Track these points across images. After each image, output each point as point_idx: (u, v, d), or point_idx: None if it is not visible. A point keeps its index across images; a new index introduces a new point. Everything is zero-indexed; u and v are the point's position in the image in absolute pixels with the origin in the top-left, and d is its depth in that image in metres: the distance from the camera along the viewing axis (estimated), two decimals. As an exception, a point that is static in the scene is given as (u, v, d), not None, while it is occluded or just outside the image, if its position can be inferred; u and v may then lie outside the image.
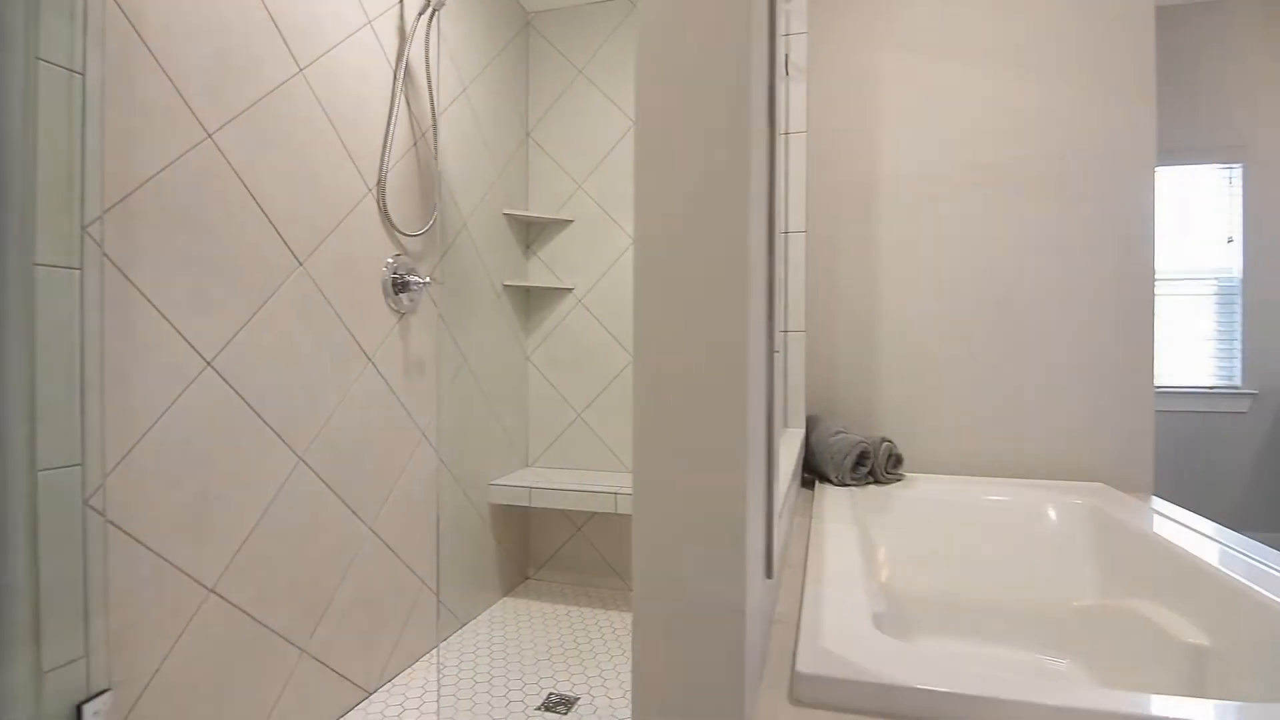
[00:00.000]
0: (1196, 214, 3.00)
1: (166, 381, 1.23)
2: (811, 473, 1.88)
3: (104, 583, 1.08)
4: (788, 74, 1.85)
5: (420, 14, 1.93)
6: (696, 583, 0.59)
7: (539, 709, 1.70)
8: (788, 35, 1.87)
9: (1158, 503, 1.61)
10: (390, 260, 1.84)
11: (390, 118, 1.83)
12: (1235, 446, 2.94)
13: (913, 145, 1.99)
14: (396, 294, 1.86)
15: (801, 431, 1.87)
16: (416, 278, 1.90)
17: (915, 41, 1.99)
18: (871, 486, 1.77)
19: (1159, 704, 0.68)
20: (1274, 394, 2.91)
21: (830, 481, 1.80)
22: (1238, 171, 2.95)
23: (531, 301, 2.66)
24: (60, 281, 1.01)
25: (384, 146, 1.81)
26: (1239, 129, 2.94)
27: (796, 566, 1.16)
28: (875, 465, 1.78)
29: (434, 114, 2.01)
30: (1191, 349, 3.01)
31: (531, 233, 2.65)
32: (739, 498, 0.58)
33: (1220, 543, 1.24)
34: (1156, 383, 1.83)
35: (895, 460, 1.83)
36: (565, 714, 1.68)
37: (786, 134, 1.89)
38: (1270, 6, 2.90)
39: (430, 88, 1.99)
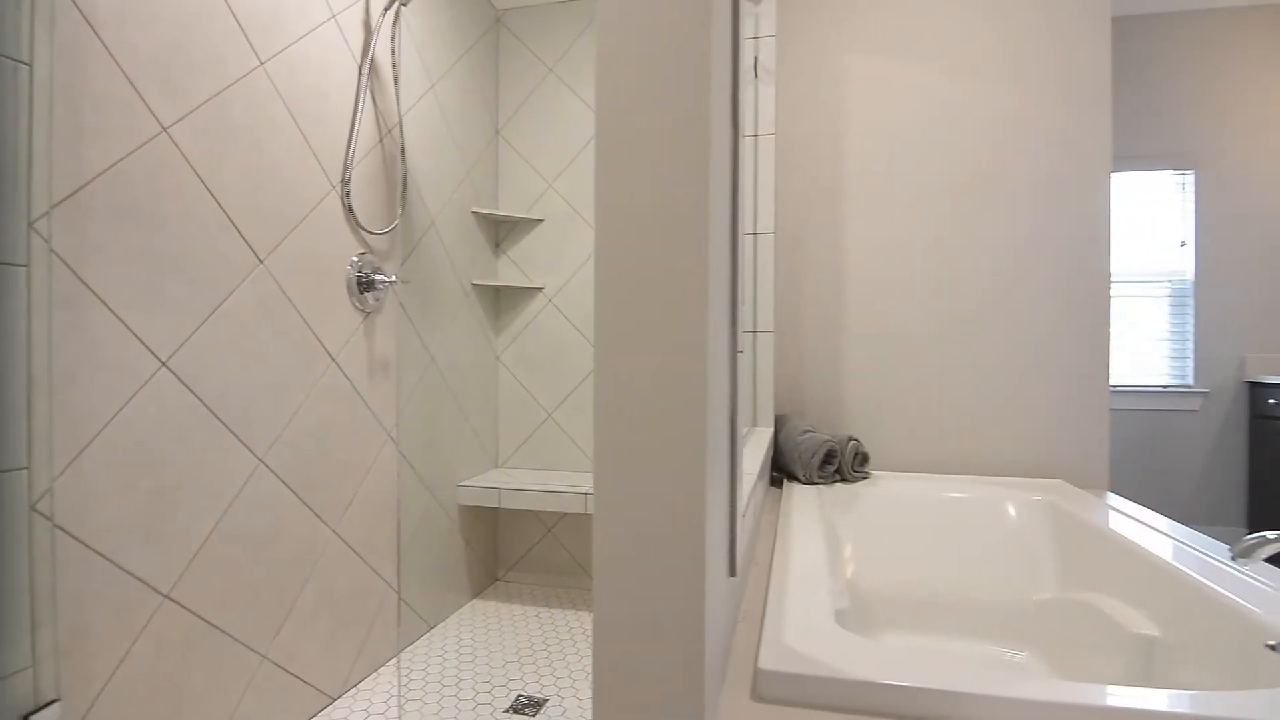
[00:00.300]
0: (1151, 218, 3.10)
1: (118, 381, 1.19)
2: (780, 471, 1.90)
3: (52, 590, 1.04)
4: (756, 76, 1.87)
5: (386, 9, 1.90)
6: (656, 582, 0.59)
7: (507, 711, 1.69)
8: (757, 38, 1.88)
9: (1113, 499, 1.66)
10: (355, 259, 1.81)
11: (355, 114, 1.80)
12: (1187, 444, 3.04)
13: (877, 149, 2.03)
14: (361, 293, 1.83)
15: (770, 430, 1.88)
16: (382, 276, 1.87)
17: (881, 47, 2.02)
18: (838, 485, 1.80)
19: (1111, 694, 0.70)
20: (1224, 393, 3.01)
21: (798, 480, 1.82)
22: (1190, 177, 3.05)
23: (501, 301, 2.64)
24: (5, 279, 0.98)
25: (348, 143, 1.78)
26: (1192, 136, 3.04)
27: (763, 564, 1.17)
28: (842, 464, 1.81)
29: (399, 110, 1.98)
30: (1146, 349, 3.10)
31: (501, 231, 2.63)
32: (699, 497, 0.58)
33: (1172, 537, 1.28)
34: (1112, 382, 1.88)
35: (862, 459, 1.86)
36: (534, 715, 1.67)
37: (755, 136, 1.90)
38: (1221, 17, 3.00)
39: (396, 83, 1.96)
